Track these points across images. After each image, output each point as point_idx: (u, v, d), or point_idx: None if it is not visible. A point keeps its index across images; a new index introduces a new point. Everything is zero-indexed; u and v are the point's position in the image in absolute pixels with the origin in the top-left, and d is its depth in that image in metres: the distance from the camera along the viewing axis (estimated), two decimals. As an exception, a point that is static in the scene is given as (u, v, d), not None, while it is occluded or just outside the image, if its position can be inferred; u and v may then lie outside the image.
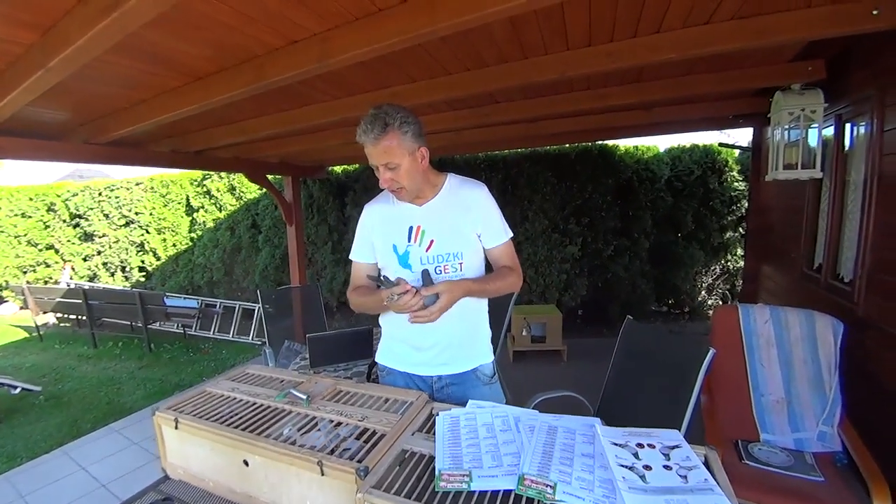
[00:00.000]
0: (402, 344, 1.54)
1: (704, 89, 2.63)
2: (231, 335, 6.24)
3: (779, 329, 2.24)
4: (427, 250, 1.43)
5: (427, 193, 1.46)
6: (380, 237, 1.50)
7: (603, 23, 1.78)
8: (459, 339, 1.49)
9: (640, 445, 0.99)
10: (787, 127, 2.53)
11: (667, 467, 0.92)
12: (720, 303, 5.73)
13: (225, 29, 1.58)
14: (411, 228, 1.44)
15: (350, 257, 1.58)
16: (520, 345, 4.59)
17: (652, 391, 1.80)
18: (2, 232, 8.42)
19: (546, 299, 5.47)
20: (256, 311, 6.09)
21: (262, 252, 6.68)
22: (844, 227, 2.48)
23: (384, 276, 1.24)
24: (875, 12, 1.61)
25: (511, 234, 1.52)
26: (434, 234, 1.43)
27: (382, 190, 1.45)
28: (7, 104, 1.91)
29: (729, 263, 5.68)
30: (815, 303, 2.42)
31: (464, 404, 1.26)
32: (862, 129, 2.31)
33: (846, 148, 2.48)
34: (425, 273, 1.38)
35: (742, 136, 6.21)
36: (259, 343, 5.82)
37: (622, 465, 0.92)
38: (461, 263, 1.43)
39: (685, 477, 0.89)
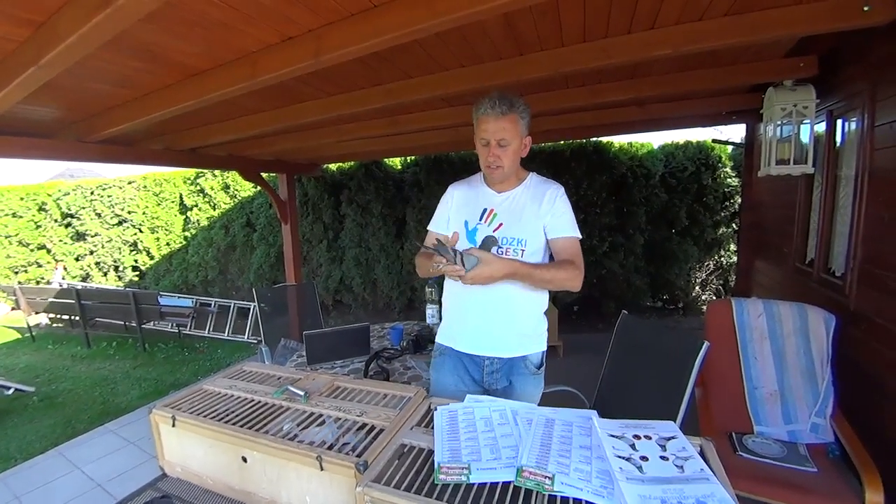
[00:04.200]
0: (454, 315, 1.65)
1: (698, 86, 2.64)
2: (226, 334, 6.22)
3: (772, 322, 2.27)
4: (494, 231, 1.53)
5: (511, 183, 1.59)
6: (456, 213, 1.62)
7: (598, 19, 1.78)
8: (508, 321, 1.55)
9: (637, 437, 1.00)
10: (779, 123, 2.55)
11: (663, 458, 0.93)
12: (713, 298, 5.76)
13: (218, 25, 1.56)
14: (485, 210, 1.56)
15: (428, 227, 1.72)
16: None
17: (647, 384, 1.82)
18: (-8, 232, 8.34)
19: (541, 296, 5.48)
20: (252, 310, 6.06)
21: (257, 250, 6.65)
22: (836, 222, 2.51)
23: (440, 241, 1.36)
24: (866, 8, 1.63)
25: (580, 236, 1.56)
26: (504, 219, 1.54)
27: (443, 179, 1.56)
28: (-2, 102, 1.89)
29: (722, 259, 5.71)
30: (808, 297, 2.45)
31: (508, 391, 1.39)
32: (853, 125, 2.33)
33: (838, 143, 2.51)
34: (488, 239, 1.50)
35: (735, 132, 6.25)
36: (255, 342, 5.81)
37: (619, 457, 0.93)
38: (523, 250, 1.51)
39: (681, 467, 0.90)
